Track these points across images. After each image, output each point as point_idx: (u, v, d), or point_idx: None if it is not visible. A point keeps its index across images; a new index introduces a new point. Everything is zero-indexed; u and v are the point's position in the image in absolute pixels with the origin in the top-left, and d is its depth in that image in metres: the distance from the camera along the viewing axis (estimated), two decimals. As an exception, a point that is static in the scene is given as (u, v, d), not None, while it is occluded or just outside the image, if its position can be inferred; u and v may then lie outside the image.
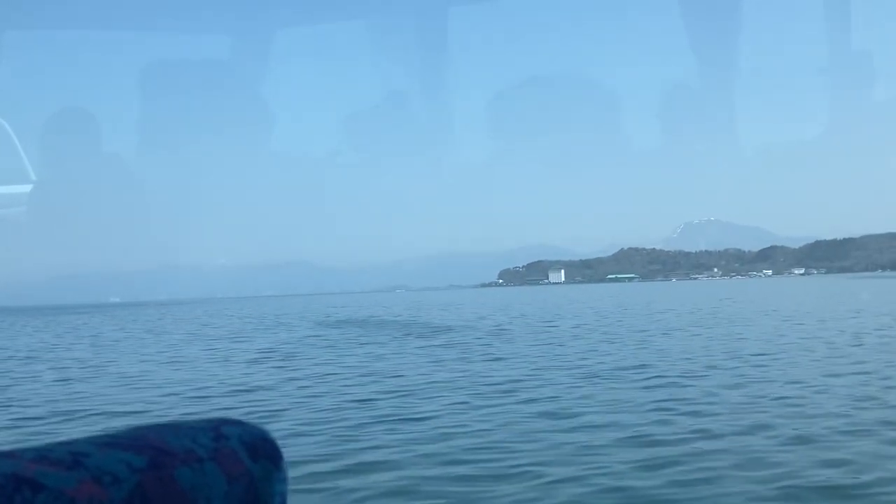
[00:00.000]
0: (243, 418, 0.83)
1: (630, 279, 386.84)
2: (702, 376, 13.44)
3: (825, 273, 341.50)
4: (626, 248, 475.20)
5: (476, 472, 7.34)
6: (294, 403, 11.98)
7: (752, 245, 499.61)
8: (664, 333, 24.06)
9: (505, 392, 12.28)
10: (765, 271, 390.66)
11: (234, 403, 12.34)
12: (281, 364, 18.51)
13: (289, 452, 0.78)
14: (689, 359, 16.16)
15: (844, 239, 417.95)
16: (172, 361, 20.69)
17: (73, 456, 0.68)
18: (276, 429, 6.62)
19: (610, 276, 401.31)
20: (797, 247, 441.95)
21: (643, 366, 15.12)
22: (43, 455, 0.67)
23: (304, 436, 9.27)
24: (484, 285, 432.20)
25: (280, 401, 12.38)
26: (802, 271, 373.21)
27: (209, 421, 0.80)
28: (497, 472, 7.31)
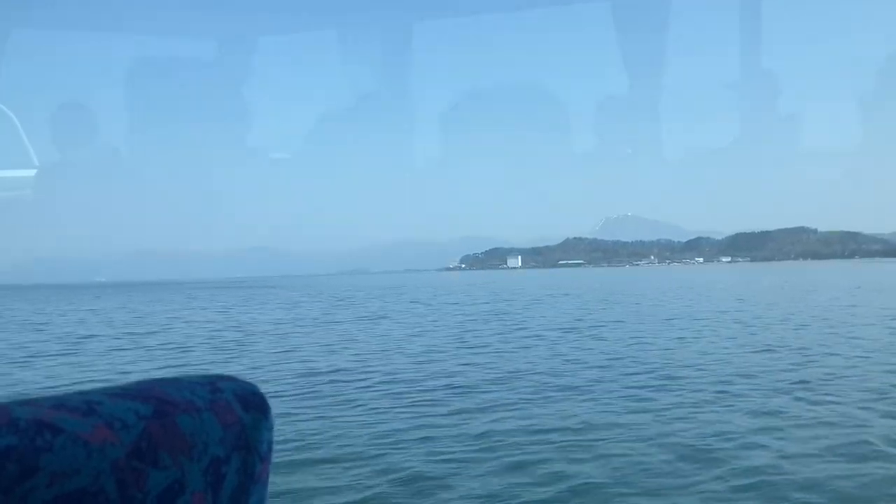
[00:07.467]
0: (236, 375, 0.88)
1: (579, 265, 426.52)
2: None
3: (750, 262, 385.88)
4: (570, 237, 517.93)
5: None
6: None
7: (666, 237, 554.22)
8: None
9: None
10: (697, 259, 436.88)
11: None
12: None
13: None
14: None
15: (761, 231, 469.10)
16: None
17: (87, 404, 0.74)
18: None
19: (561, 262, 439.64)
20: (718, 238, 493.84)
21: None
22: (61, 403, 0.73)
23: None
24: (448, 269, 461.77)
25: None
26: (729, 259, 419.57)
27: (206, 376, 0.87)
28: None
